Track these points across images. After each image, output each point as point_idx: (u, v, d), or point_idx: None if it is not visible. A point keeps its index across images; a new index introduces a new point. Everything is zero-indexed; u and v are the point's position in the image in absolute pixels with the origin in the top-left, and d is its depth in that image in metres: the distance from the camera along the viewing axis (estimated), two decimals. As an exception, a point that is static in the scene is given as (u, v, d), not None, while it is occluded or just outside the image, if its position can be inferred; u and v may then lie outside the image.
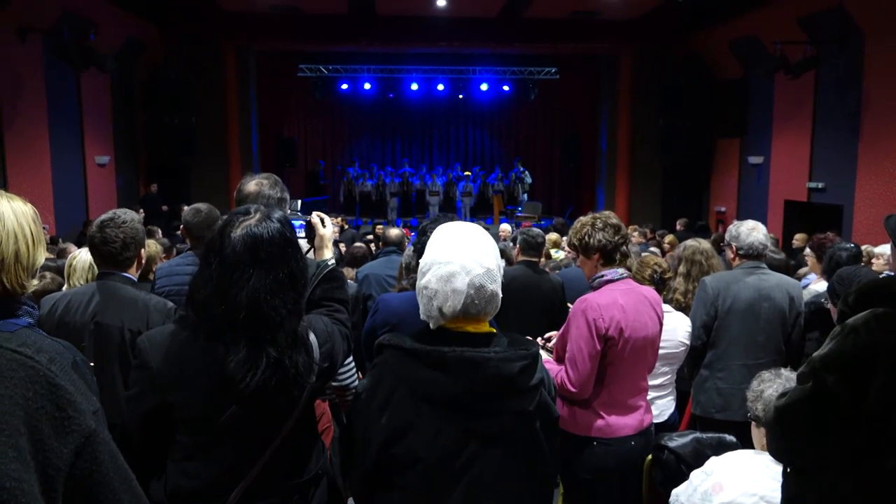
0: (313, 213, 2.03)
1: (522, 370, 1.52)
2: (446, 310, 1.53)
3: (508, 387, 1.51)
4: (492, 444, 1.53)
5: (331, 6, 12.22)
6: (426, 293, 1.55)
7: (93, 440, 1.18)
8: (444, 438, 1.49)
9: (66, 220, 10.13)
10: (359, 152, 18.56)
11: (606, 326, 2.52)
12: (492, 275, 1.56)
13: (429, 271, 1.56)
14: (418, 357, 1.51)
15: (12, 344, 1.22)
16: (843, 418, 1.43)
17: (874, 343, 1.42)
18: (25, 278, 1.53)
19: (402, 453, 1.50)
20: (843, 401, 1.42)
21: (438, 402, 1.49)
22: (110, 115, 11.97)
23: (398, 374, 1.52)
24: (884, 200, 8.78)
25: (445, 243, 1.58)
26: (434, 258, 1.57)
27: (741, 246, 3.49)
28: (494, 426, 1.52)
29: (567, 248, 4.02)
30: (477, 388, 1.49)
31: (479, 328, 1.58)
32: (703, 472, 2.13)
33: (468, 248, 1.56)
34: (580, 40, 13.55)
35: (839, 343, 1.47)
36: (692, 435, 2.61)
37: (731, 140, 13.11)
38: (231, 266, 1.56)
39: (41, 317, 2.42)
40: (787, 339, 3.47)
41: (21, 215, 1.52)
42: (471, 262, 1.54)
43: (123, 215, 2.57)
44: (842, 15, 9.18)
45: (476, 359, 1.48)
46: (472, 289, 1.52)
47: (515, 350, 1.54)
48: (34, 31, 9.09)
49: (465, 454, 1.51)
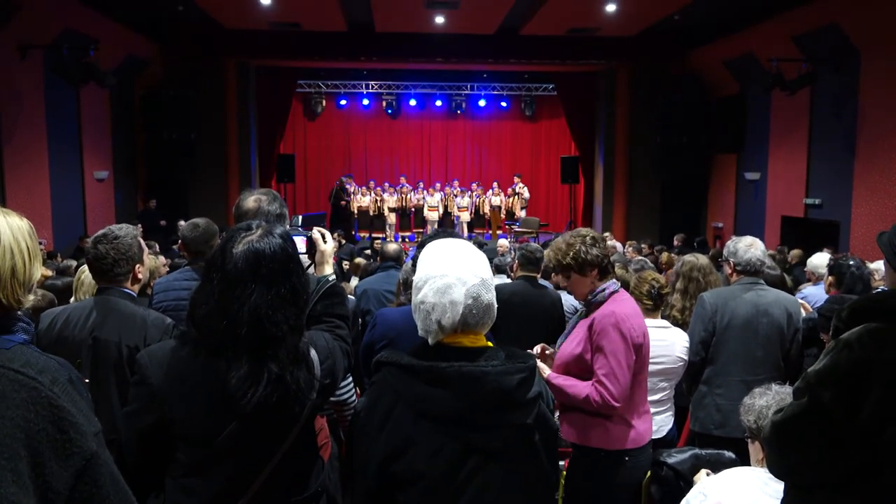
0: (314, 229, 2.03)
1: (521, 383, 1.52)
2: (445, 322, 1.53)
3: (508, 400, 1.51)
4: (492, 458, 1.52)
5: (330, 24, 12.32)
6: (423, 307, 1.55)
7: (94, 462, 1.17)
8: (445, 454, 1.49)
9: (64, 234, 10.13)
10: (357, 168, 18.61)
11: (637, 336, 2.57)
12: (487, 284, 1.57)
13: (424, 286, 1.56)
14: (417, 373, 1.50)
15: (15, 364, 1.21)
16: (838, 433, 1.43)
17: (868, 358, 1.42)
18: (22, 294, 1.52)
19: (403, 470, 1.49)
20: (837, 416, 1.42)
21: (438, 418, 1.49)
22: (109, 131, 12.01)
23: (397, 391, 1.52)
24: (880, 216, 8.81)
25: (438, 257, 1.59)
26: (428, 272, 1.57)
27: (739, 262, 3.50)
28: (495, 440, 1.52)
29: (553, 270, 3.93)
30: (477, 403, 1.49)
31: (476, 342, 1.58)
32: (700, 492, 2.11)
33: (461, 260, 1.57)
34: (577, 57, 13.66)
35: (833, 358, 1.48)
36: (691, 451, 2.61)
37: (728, 156, 13.18)
38: (232, 281, 1.56)
39: (40, 332, 2.42)
40: (785, 355, 3.46)
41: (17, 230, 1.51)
42: (465, 272, 1.55)
43: (118, 231, 2.56)
44: (836, 33, 9.27)
45: (475, 373, 1.48)
46: (470, 298, 1.53)
47: (513, 363, 1.54)
48: (35, 47, 9.15)
49: (466, 469, 1.50)
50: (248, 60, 13.87)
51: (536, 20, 11.83)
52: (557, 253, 2.72)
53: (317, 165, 18.62)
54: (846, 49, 9.33)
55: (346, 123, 18.66)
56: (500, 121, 18.94)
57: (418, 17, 11.83)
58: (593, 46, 13.39)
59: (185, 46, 12.82)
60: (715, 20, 11.64)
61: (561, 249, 2.71)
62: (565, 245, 2.70)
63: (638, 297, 3.48)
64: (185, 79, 12.88)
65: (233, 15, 11.78)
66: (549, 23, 12.06)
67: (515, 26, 12.64)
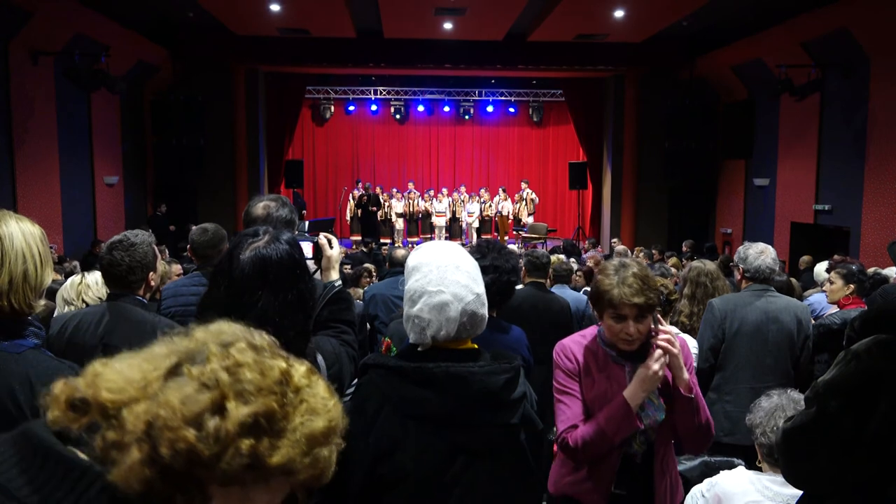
0: (321, 235, 2.04)
1: (507, 383, 1.55)
2: (440, 336, 1.55)
3: (494, 400, 1.53)
4: (479, 457, 1.54)
5: (339, 30, 12.37)
6: (418, 322, 1.56)
7: None
8: (432, 454, 1.51)
9: (74, 239, 10.19)
10: (365, 173, 18.65)
11: None
12: (482, 299, 1.59)
13: (420, 300, 1.56)
14: (404, 374, 1.53)
15: None
16: (847, 444, 1.42)
17: (877, 370, 1.42)
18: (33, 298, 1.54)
19: (390, 472, 1.50)
20: (845, 427, 1.42)
21: (425, 419, 1.51)
22: (120, 136, 12.09)
23: (383, 392, 1.54)
24: (891, 222, 8.76)
25: (433, 269, 1.58)
26: (423, 286, 1.57)
27: (748, 269, 3.48)
28: (481, 440, 1.54)
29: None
30: (464, 403, 1.51)
31: (461, 345, 1.60)
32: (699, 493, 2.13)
33: (458, 275, 1.57)
34: (585, 63, 13.66)
35: (842, 368, 1.48)
36: (700, 458, 2.60)
37: (737, 162, 13.13)
38: (239, 287, 1.56)
39: (51, 336, 2.42)
40: (795, 362, 3.44)
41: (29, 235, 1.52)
42: (462, 289, 1.56)
43: (133, 238, 2.55)
44: (846, 38, 9.23)
45: (462, 373, 1.51)
46: (465, 316, 1.55)
47: (499, 364, 1.56)
48: (47, 53, 9.23)
49: (453, 469, 1.52)
50: (257, 66, 13.95)
51: (544, 26, 11.84)
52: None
53: (325, 171, 18.68)
54: (855, 54, 9.29)
55: (355, 129, 18.72)
56: (507, 126, 18.95)
57: (427, 23, 11.87)
58: (601, 52, 13.38)
59: (195, 52, 12.91)
60: (723, 26, 11.62)
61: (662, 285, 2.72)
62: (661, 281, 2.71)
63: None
64: (195, 84, 12.97)
65: (242, 21, 11.85)
66: (556, 29, 12.07)
67: (523, 32, 12.66)
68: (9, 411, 1.44)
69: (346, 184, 17.93)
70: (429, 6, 10.73)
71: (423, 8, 10.84)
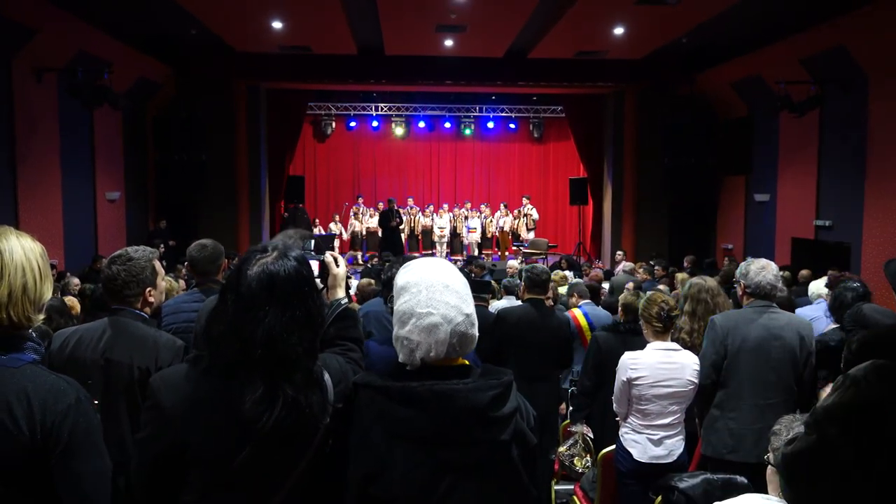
0: (327, 253, 2.04)
1: (494, 399, 1.52)
2: (429, 358, 1.55)
3: (481, 417, 1.51)
4: (468, 475, 1.52)
5: (340, 47, 12.46)
6: (408, 344, 1.55)
7: None
8: (420, 473, 1.49)
9: (75, 255, 10.20)
10: (366, 189, 18.70)
11: None
12: (471, 319, 1.58)
13: (409, 322, 1.56)
14: (390, 394, 1.52)
15: None
16: (846, 470, 1.41)
17: (875, 396, 1.41)
18: (32, 312, 1.54)
19: (379, 492, 1.49)
20: (845, 453, 1.41)
21: (413, 438, 1.50)
22: (122, 152, 12.14)
23: (372, 413, 1.53)
24: (892, 238, 8.76)
25: (422, 290, 1.57)
26: (412, 308, 1.56)
27: (749, 284, 3.48)
28: (469, 458, 1.52)
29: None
30: (449, 420, 1.49)
31: (451, 363, 1.59)
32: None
33: (447, 296, 1.56)
34: (585, 80, 13.74)
35: (840, 395, 1.48)
36: (702, 476, 2.57)
37: (737, 178, 13.17)
38: (247, 303, 1.56)
39: (52, 352, 2.42)
40: (798, 378, 3.43)
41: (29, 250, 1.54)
42: (451, 310, 1.55)
43: (133, 252, 2.56)
44: (844, 56, 9.29)
45: (446, 391, 1.49)
46: (455, 337, 1.54)
47: (486, 380, 1.54)
48: (50, 69, 9.30)
49: (442, 488, 1.50)
50: (258, 83, 14.02)
51: (544, 44, 11.92)
52: None
53: (326, 187, 18.73)
54: (854, 71, 9.34)
55: (356, 145, 18.79)
56: (508, 142, 19.03)
57: (428, 40, 11.95)
58: (601, 69, 13.46)
59: (197, 69, 12.98)
60: (722, 43, 11.69)
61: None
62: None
63: (647, 320, 3.46)
64: (197, 101, 13.03)
65: (244, 38, 11.94)
66: (557, 46, 12.15)
67: (524, 49, 12.73)
68: (6, 426, 1.44)
69: (346, 199, 17.97)
70: (430, 23, 10.81)
71: (424, 25, 10.92)
